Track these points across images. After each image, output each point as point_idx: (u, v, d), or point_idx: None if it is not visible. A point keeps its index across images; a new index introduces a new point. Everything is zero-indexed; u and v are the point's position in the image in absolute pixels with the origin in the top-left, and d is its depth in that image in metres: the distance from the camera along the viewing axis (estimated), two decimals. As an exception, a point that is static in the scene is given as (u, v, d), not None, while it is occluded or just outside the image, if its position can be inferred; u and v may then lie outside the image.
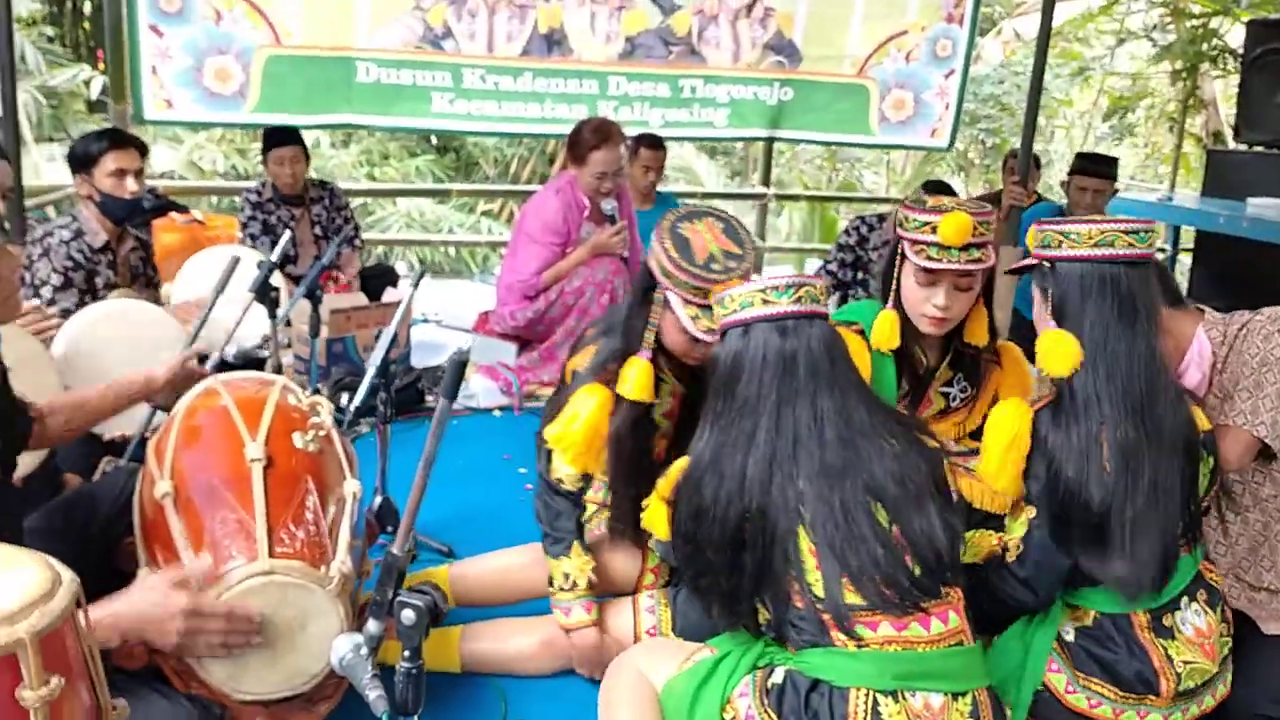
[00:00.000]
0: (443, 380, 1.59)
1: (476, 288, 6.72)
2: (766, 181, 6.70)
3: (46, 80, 9.36)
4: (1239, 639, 2.25)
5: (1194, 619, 2.07)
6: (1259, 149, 7.00)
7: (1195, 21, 8.88)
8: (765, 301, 1.88)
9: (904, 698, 1.74)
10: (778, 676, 1.84)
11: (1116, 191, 5.00)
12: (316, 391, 3.04)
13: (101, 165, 3.41)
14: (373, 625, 1.51)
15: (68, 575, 1.22)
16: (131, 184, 3.46)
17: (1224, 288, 7.03)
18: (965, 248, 2.17)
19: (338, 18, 5.36)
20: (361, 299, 4.32)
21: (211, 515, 1.91)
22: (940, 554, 1.80)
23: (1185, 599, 2.08)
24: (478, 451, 3.56)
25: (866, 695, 1.74)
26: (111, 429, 2.85)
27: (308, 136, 5.08)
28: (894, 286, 2.31)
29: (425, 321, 5.19)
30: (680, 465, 1.92)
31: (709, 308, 2.07)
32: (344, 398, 3.51)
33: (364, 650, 1.51)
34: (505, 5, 5.64)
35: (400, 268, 9.92)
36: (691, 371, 2.31)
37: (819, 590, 1.78)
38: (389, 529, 2.97)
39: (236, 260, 2.73)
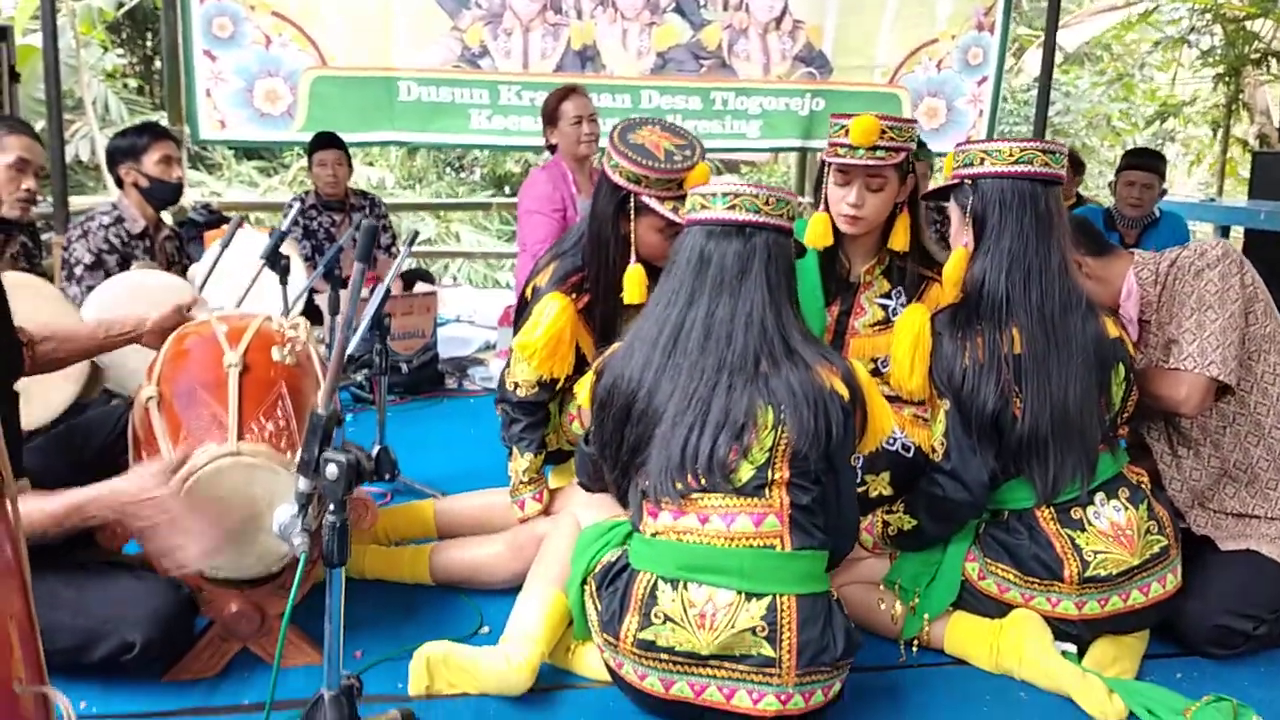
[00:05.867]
0: (361, 245, 1.72)
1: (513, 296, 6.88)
2: (801, 191, 6.79)
3: (129, 129, 9.93)
4: (1198, 558, 2.29)
5: (1111, 514, 2.12)
6: (1307, 149, 6.90)
7: (1233, 26, 8.78)
8: (703, 206, 1.95)
9: (684, 587, 1.81)
10: (614, 555, 1.97)
11: (1164, 192, 4.91)
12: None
13: (149, 154, 3.65)
14: (302, 483, 1.59)
15: None
16: (177, 170, 3.72)
17: (1274, 283, 6.90)
18: (872, 148, 2.35)
19: (379, 40, 5.65)
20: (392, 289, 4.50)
21: (189, 413, 2.07)
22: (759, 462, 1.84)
23: (1102, 495, 2.13)
24: (490, 428, 3.69)
25: (650, 579, 1.84)
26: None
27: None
28: (824, 193, 2.48)
29: (457, 320, 5.37)
30: (615, 346, 2.04)
31: (683, 197, 2.22)
32: (361, 374, 3.68)
33: (295, 510, 1.60)
34: (540, 24, 5.88)
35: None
36: None
37: (645, 473, 1.90)
38: (386, 477, 3.11)
39: (241, 220, 2.91)
